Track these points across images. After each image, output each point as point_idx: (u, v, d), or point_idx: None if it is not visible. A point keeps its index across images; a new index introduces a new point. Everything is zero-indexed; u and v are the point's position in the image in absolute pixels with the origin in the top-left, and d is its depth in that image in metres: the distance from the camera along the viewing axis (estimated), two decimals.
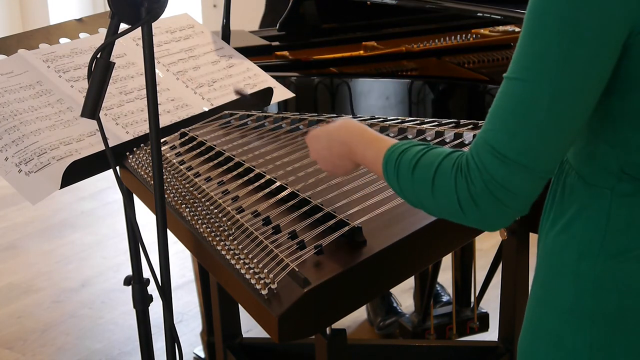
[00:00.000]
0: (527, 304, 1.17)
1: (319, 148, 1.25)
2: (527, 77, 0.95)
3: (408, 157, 1.06)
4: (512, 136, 0.95)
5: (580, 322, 1.05)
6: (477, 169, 0.97)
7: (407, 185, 1.06)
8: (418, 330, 2.71)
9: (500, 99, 0.97)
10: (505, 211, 0.99)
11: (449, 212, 1.03)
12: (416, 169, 1.05)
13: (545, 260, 1.11)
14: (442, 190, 1.01)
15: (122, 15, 1.18)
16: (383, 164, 1.10)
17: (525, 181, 0.97)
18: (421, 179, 1.04)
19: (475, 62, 2.59)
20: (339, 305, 1.14)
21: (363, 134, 1.18)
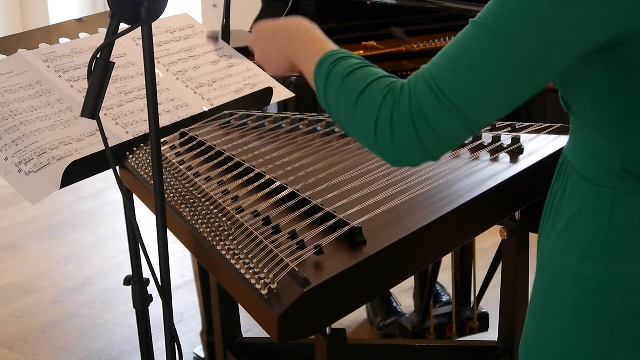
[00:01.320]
0: (528, 306, 1.16)
1: (262, 37, 1.21)
2: (495, 26, 0.92)
3: (346, 64, 1.04)
4: (456, 76, 0.93)
5: (583, 324, 1.04)
6: (410, 96, 0.95)
7: (333, 91, 1.03)
8: (418, 330, 2.71)
9: (459, 40, 0.95)
10: (416, 149, 0.96)
11: (361, 129, 0.99)
12: (350, 76, 1.02)
13: (546, 262, 1.10)
14: (365, 106, 0.98)
15: (122, 15, 1.18)
16: (318, 62, 1.07)
17: (451, 125, 0.94)
18: (350, 87, 1.01)
19: None
20: (339, 305, 1.14)
21: (309, 32, 1.14)
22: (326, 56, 1.07)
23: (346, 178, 1.39)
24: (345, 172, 1.42)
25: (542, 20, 0.90)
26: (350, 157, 1.49)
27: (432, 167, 1.40)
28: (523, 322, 1.78)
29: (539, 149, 1.44)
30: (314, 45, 1.11)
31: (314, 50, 1.10)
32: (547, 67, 0.93)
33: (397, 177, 1.37)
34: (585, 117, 1.03)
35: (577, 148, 1.07)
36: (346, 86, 1.01)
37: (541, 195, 1.36)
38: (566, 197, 1.07)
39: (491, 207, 1.35)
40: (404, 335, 2.76)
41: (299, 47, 1.13)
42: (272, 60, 1.19)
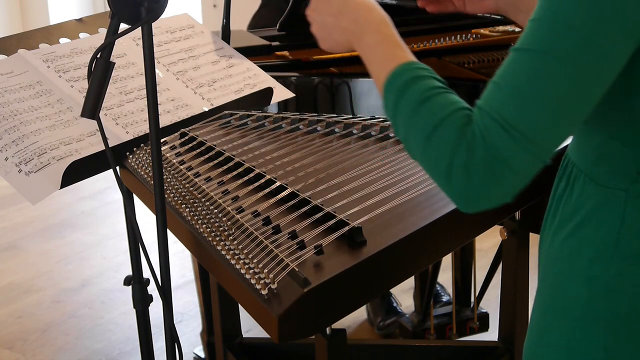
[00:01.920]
0: (532, 309, 1.15)
1: (325, 10, 1.13)
2: (546, 49, 0.89)
3: (422, 87, 0.97)
4: (523, 107, 0.90)
5: (594, 327, 1.03)
6: (482, 137, 0.91)
7: (404, 115, 0.98)
8: (418, 330, 2.71)
9: (510, 71, 0.92)
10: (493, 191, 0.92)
11: (432, 168, 0.95)
12: (424, 105, 0.96)
13: (553, 265, 1.09)
14: (438, 145, 0.93)
15: (122, 15, 1.18)
16: (391, 74, 1.00)
17: (526, 159, 0.91)
18: (424, 119, 0.95)
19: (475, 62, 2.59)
20: (339, 305, 1.14)
21: (383, 25, 1.06)
22: (401, 69, 1.00)
23: (346, 178, 1.39)
24: (345, 172, 1.42)
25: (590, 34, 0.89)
26: (350, 157, 1.49)
27: None
28: (523, 322, 1.79)
29: None
30: (388, 47, 1.04)
31: (388, 55, 1.03)
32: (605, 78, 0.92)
33: (397, 177, 1.37)
34: (597, 120, 1.02)
35: (584, 150, 1.06)
36: (419, 116, 0.96)
37: (541, 195, 1.36)
38: (573, 200, 1.06)
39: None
40: (404, 335, 2.76)
41: (369, 42, 1.06)
42: (332, 39, 1.12)
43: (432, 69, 1.02)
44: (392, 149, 1.52)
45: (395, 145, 1.54)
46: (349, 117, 1.69)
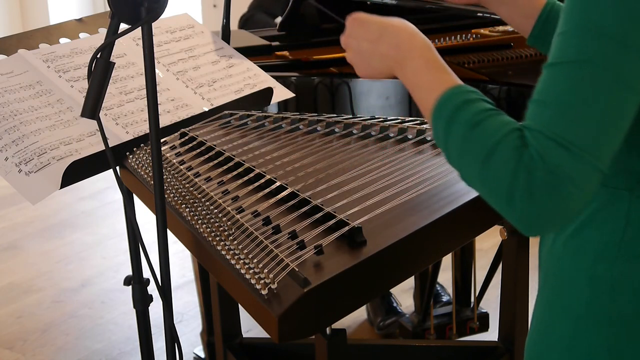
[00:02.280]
0: (534, 309, 1.15)
1: (362, 36, 1.09)
2: (580, 58, 0.88)
3: (473, 111, 0.94)
4: (577, 121, 0.88)
5: (597, 326, 1.03)
6: (541, 158, 0.88)
7: (457, 142, 0.94)
8: (418, 330, 2.71)
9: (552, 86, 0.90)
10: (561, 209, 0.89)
11: (491, 193, 0.92)
12: (476, 129, 0.93)
13: (556, 264, 1.09)
14: (496, 170, 0.90)
15: (122, 15, 1.18)
16: (440, 100, 0.97)
17: (589, 171, 0.89)
18: (478, 143, 0.92)
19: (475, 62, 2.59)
20: (339, 305, 1.14)
21: (427, 51, 1.03)
22: (450, 94, 0.97)
23: (346, 178, 1.39)
24: (345, 172, 1.42)
25: (622, 36, 0.88)
26: (350, 157, 1.49)
27: (432, 167, 1.40)
28: (523, 322, 1.79)
29: None
30: (433, 72, 1.01)
31: (434, 80, 1.00)
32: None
33: (397, 177, 1.37)
34: None
35: None
36: (473, 141, 0.93)
37: None
38: None
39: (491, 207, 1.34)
40: (404, 335, 2.77)
41: (413, 68, 1.03)
42: (370, 66, 1.09)
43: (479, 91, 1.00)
44: (392, 149, 1.52)
45: (395, 145, 1.54)
46: (349, 117, 1.69)
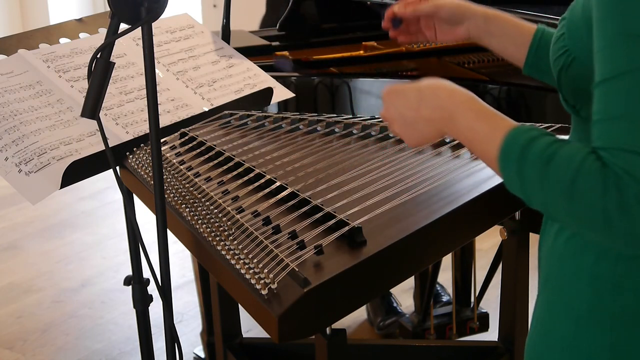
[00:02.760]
0: (534, 308, 1.15)
1: (402, 106, 1.09)
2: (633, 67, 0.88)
3: (542, 145, 0.93)
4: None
5: (600, 325, 1.03)
6: (628, 174, 0.87)
7: (534, 182, 0.93)
8: (418, 330, 2.71)
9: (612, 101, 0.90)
10: None
11: (586, 221, 0.91)
12: (551, 163, 0.91)
13: (558, 264, 1.09)
14: (584, 198, 0.89)
15: (122, 15, 1.18)
16: (502, 147, 0.96)
17: None
18: (557, 177, 0.91)
19: (475, 62, 2.59)
20: (339, 305, 1.14)
21: (472, 102, 1.02)
22: (511, 137, 0.96)
23: (346, 178, 1.39)
24: (345, 172, 1.42)
25: None
26: (350, 157, 1.49)
27: (432, 167, 1.40)
28: (523, 322, 1.79)
29: None
30: (486, 121, 1.00)
31: (490, 128, 0.99)
32: None
33: (397, 177, 1.37)
34: None
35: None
36: (551, 177, 0.91)
37: None
38: None
39: (491, 207, 1.35)
40: (404, 335, 2.77)
41: (464, 123, 1.01)
42: (419, 133, 1.08)
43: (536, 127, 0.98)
44: (392, 149, 1.52)
45: (395, 145, 1.54)
46: (349, 117, 1.69)
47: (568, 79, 1.07)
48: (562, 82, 1.08)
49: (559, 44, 1.08)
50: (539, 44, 1.30)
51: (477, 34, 1.36)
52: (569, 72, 1.06)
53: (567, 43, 1.06)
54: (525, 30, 1.33)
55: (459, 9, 1.36)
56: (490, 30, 1.35)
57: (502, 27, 1.34)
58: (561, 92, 1.09)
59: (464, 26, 1.37)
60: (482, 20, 1.35)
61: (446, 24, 1.39)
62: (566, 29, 1.06)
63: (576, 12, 1.05)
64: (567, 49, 1.06)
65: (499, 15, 1.35)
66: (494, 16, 1.35)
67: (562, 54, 1.06)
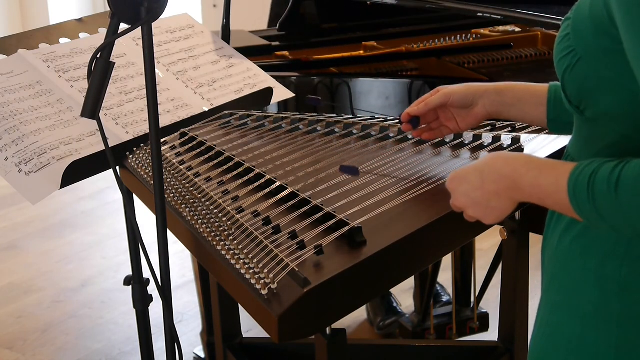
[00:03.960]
0: (538, 308, 1.15)
1: (469, 190, 1.10)
2: None
3: (604, 175, 0.94)
4: None
5: (606, 325, 1.03)
6: None
7: (610, 208, 0.93)
8: (418, 330, 2.71)
9: None
10: None
11: None
12: (620, 185, 0.92)
13: (563, 264, 1.09)
14: None
15: (122, 15, 1.18)
16: (570, 189, 0.96)
17: None
18: (632, 199, 0.91)
19: (475, 62, 2.59)
20: (339, 305, 1.14)
21: (529, 162, 1.03)
22: (574, 179, 0.96)
23: (346, 178, 1.39)
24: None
25: None
26: (351, 157, 1.49)
27: (432, 167, 1.40)
28: (523, 322, 1.79)
29: (539, 149, 1.44)
30: (548, 172, 1.00)
31: (551, 181, 0.99)
32: None
33: (397, 177, 1.37)
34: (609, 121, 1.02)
35: (591, 151, 1.06)
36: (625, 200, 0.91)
37: None
38: None
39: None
40: (404, 335, 2.77)
41: (530, 184, 1.02)
42: (494, 208, 1.08)
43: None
44: (392, 149, 1.52)
45: (395, 145, 1.54)
46: (349, 117, 1.69)
47: (573, 79, 1.07)
48: (566, 83, 1.08)
49: (563, 44, 1.08)
50: (555, 99, 1.30)
51: (494, 109, 1.36)
52: (574, 72, 1.06)
53: (572, 43, 1.06)
54: (539, 91, 1.33)
55: (468, 90, 1.37)
56: (506, 102, 1.35)
57: (515, 95, 1.34)
58: (565, 93, 1.09)
59: (480, 105, 1.37)
60: (494, 95, 1.35)
61: (462, 108, 1.39)
62: (571, 29, 1.06)
63: (582, 11, 1.05)
64: (572, 49, 1.05)
65: (509, 85, 1.36)
66: (505, 88, 1.36)
67: (567, 54, 1.06)
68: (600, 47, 1.00)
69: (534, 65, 2.64)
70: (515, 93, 1.34)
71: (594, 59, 1.01)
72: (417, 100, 1.42)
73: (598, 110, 1.04)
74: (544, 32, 2.83)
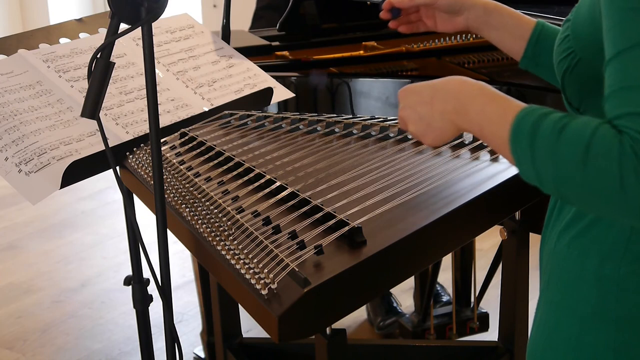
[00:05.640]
0: (537, 309, 1.15)
1: (417, 102, 1.07)
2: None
3: (552, 120, 0.91)
4: None
5: (604, 326, 1.03)
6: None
7: (546, 154, 0.90)
8: (418, 330, 2.71)
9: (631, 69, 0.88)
10: None
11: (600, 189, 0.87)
12: (564, 133, 0.89)
13: (562, 264, 1.09)
14: (598, 163, 0.86)
15: (122, 15, 1.18)
16: (514, 124, 0.93)
17: None
18: (570, 145, 0.88)
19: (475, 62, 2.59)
20: (339, 305, 1.14)
21: (483, 89, 1.01)
22: (522, 115, 0.94)
23: (346, 178, 1.39)
24: (345, 172, 1.42)
25: None
26: (350, 157, 1.49)
27: (432, 167, 1.40)
28: (523, 322, 1.79)
29: None
30: (497, 104, 0.98)
31: (499, 110, 0.97)
32: None
33: (397, 177, 1.37)
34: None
35: None
36: (563, 145, 0.89)
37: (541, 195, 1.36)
38: None
39: (491, 207, 1.35)
40: (404, 335, 2.77)
41: (476, 109, 1.00)
42: (435, 128, 1.06)
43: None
44: (392, 149, 1.52)
45: (395, 145, 1.54)
46: (349, 117, 1.69)
47: (573, 80, 1.07)
48: (566, 84, 1.08)
49: (563, 45, 1.08)
50: (538, 37, 1.30)
51: (476, 24, 1.36)
52: (574, 74, 1.06)
53: (572, 44, 1.06)
54: (525, 24, 1.32)
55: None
56: (490, 22, 1.35)
57: (501, 19, 1.34)
58: (565, 94, 1.09)
59: (463, 16, 1.37)
60: (481, 11, 1.35)
61: (445, 13, 1.38)
62: (571, 30, 1.06)
63: (582, 13, 1.05)
64: (572, 51, 1.05)
65: (499, 7, 1.35)
66: (493, 8, 1.35)
67: (567, 55, 1.06)
68: (600, 49, 1.00)
69: None
70: (502, 18, 1.34)
71: (594, 60, 1.01)
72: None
73: (598, 111, 1.04)
74: None
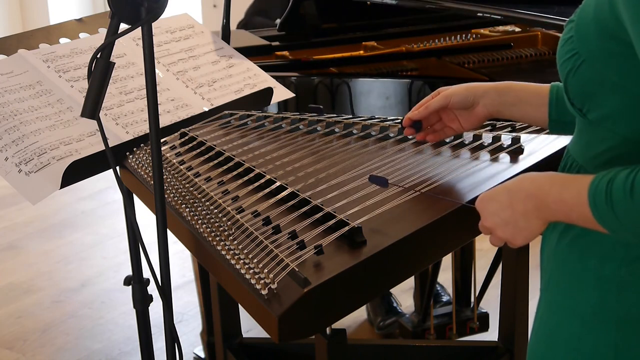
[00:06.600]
0: (537, 309, 1.15)
1: (498, 209, 1.09)
2: None
3: (620, 181, 0.94)
4: None
5: (605, 326, 1.04)
6: None
7: (628, 213, 0.94)
8: (418, 330, 2.71)
9: None
10: None
11: None
12: (635, 189, 0.93)
13: (562, 265, 1.09)
14: None
15: (122, 15, 1.18)
16: (590, 199, 0.97)
17: None
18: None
19: (475, 62, 2.59)
20: (339, 305, 1.14)
21: (553, 178, 1.04)
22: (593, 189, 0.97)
23: (346, 178, 1.39)
24: (345, 172, 1.42)
25: None
26: (350, 157, 1.49)
27: (432, 167, 1.40)
28: (523, 322, 1.79)
29: (539, 149, 1.44)
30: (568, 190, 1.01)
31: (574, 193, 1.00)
32: None
33: (397, 177, 1.37)
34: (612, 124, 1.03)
35: (591, 152, 1.06)
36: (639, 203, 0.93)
37: None
38: None
39: None
40: (404, 335, 2.77)
41: (554, 201, 1.02)
42: (522, 229, 1.07)
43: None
44: (392, 149, 1.52)
45: (395, 145, 1.54)
46: (349, 117, 1.69)
47: (576, 82, 1.06)
48: (569, 86, 1.08)
49: (566, 46, 1.07)
50: (556, 100, 1.30)
51: (495, 108, 1.35)
52: (577, 75, 1.06)
53: (575, 46, 1.05)
54: (540, 91, 1.32)
55: (468, 91, 1.36)
56: (506, 101, 1.34)
57: (516, 94, 1.33)
58: (568, 95, 1.09)
59: (481, 105, 1.36)
60: (495, 95, 1.34)
61: (463, 109, 1.38)
62: (575, 31, 1.06)
63: (586, 14, 1.04)
64: (576, 52, 1.05)
65: (510, 84, 1.35)
66: (504, 87, 1.35)
67: (571, 56, 1.06)
68: (604, 50, 1.00)
69: (534, 65, 2.64)
70: (516, 93, 1.34)
71: (598, 61, 1.01)
72: (418, 104, 1.41)
73: (601, 113, 1.04)
74: (544, 32, 2.83)
